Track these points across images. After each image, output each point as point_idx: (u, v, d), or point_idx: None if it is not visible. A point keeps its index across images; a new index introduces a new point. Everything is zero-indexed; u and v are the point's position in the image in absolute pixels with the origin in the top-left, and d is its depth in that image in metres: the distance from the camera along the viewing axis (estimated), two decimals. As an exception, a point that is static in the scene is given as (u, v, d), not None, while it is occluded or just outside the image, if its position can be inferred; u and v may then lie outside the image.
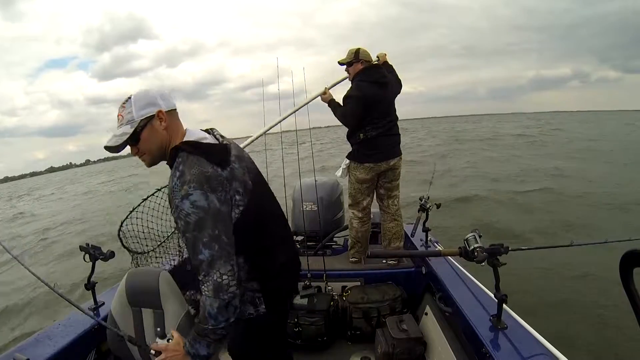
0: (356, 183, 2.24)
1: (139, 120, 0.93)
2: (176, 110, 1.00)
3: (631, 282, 0.63)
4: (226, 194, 0.92)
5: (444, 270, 1.79)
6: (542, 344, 1.14)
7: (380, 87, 2.14)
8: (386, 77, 2.17)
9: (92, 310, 1.54)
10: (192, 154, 0.92)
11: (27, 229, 10.72)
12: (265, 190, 1.15)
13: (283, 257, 1.11)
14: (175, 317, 1.21)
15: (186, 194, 0.86)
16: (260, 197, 1.06)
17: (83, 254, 1.48)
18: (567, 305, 3.10)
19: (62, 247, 7.42)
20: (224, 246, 0.88)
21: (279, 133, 2.45)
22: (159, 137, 0.96)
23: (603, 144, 15.62)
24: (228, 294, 0.87)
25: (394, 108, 2.23)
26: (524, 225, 5.23)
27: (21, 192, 35.52)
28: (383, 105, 2.16)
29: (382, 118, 2.15)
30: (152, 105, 0.94)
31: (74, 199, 18.09)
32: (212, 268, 0.86)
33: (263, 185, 1.14)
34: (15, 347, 1.28)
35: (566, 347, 1.11)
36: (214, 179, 0.90)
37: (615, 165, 9.94)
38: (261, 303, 1.05)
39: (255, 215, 1.00)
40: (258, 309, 1.05)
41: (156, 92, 0.97)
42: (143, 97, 0.94)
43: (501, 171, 9.90)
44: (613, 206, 5.89)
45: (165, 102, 0.96)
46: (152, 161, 1.00)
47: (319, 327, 1.92)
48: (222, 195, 0.90)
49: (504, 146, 16.54)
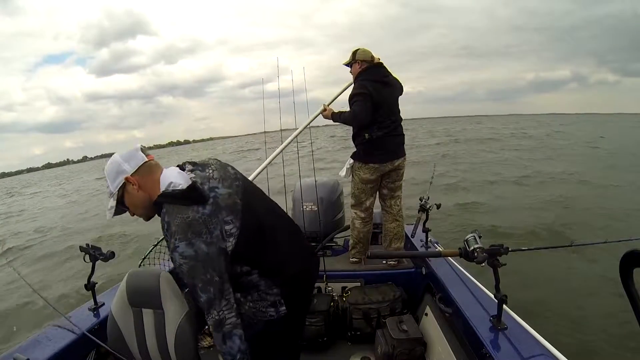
0: (360, 183, 2.22)
1: (116, 192, 0.99)
2: (147, 162, 1.01)
3: (631, 282, 0.63)
4: (212, 232, 0.94)
5: (444, 270, 1.79)
6: (542, 344, 1.14)
7: (383, 85, 2.13)
8: (388, 76, 2.17)
9: (92, 311, 1.54)
10: (171, 204, 0.96)
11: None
12: (260, 203, 1.13)
13: (294, 268, 1.11)
14: (175, 317, 1.22)
15: (174, 247, 0.92)
16: (254, 214, 1.05)
17: (83, 254, 1.48)
18: (567, 306, 3.10)
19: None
20: (217, 286, 0.93)
21: (278, 132, 2.45)
22: (138, 199, 1.00)
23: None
24: (226, 326, 0.94)
25: (398, 108, 2.22)
26: (526, 226, 5.22)
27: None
28: (387, 104, 2.14)
29: (387, 117, 2.13)
30: (120, 173, 0.98)
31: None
32: (212, 308, 0.93)
33: (256, 196, 1.13)
34: (15, 347, 1.28)
35: (566, 347, 1.11)
36: (195, 222, 0.92)
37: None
38: (282, 305, 1.06)
39: (252, 236, 1.02)
40: (279, 311, 1.06)
41: (121, 156, 0.99)
42: (111, 169, 0.99)
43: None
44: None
45: (131, 163, 0.99)
46: (147, 218, 1.06)
47: (319, 328, 1.92)
48: (207, 237, 0.93)
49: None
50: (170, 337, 1.22)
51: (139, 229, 6.24)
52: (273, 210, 1.17)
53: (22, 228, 9.96)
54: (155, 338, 1.25)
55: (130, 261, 4.56)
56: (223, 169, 1.07)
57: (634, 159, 10.66)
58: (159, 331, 1.24)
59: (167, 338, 1.23)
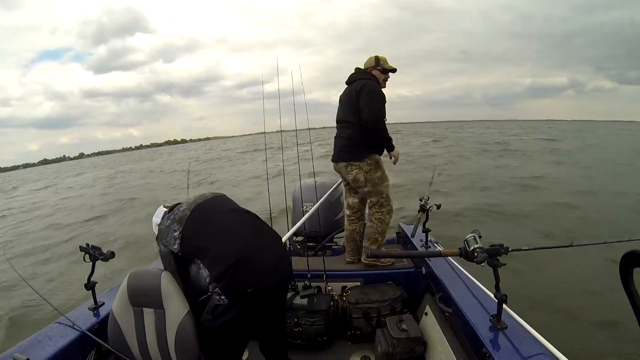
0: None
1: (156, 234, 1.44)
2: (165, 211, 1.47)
3: (631, 282, 0.63)
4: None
5: (444, 270, 1.79)
6: (542, 344, 1.14)
7: (347, 86, 2.25)
8: (354, 78, 2.23)
9: (92, 310, 1.54)
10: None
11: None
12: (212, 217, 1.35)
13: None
14: (176, 317, 1.22)
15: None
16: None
17: (83, 254, 1.48)
18: (567, 306, 3.11)
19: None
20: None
21: (278, 132, 2.45)
22: None
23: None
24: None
25: (351, 111, 2.15)
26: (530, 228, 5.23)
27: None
28: (341, 105, 2.25)
29: (339, 119, 2.26)
30: (156, 224, 1.44)
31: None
32: None
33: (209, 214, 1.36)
34: (15, 347, 1.28)
35: (566, 347, 1.12)
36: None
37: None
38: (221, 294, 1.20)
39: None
40: (221, 299, 1.20)
41: (156, 216, 1.46)
42: (154, 223, 1.45)
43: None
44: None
45: (158, 216, 1.46)
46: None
47: (319, 327, 1.92)
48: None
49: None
50: (170, 337, 1.23)
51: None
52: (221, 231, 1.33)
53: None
54: (155, 337, 1.25)
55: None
56: (180, 212, 1.34)
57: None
58: (160, 330, 1.24)
59: (168, 337, 1.23)
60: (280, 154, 2.36)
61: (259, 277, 1.22)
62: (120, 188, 15.02)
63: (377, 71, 2.21)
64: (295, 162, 2.37)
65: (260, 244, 1.30)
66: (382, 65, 2.21)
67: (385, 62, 2.22)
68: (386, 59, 2.23)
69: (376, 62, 2.21)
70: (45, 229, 8.56)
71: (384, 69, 2.21)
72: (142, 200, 10.65)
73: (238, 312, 1.20)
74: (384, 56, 2.24)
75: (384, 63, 2.21)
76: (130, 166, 30.23)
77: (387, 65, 2.22)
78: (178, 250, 1.25)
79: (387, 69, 2.23)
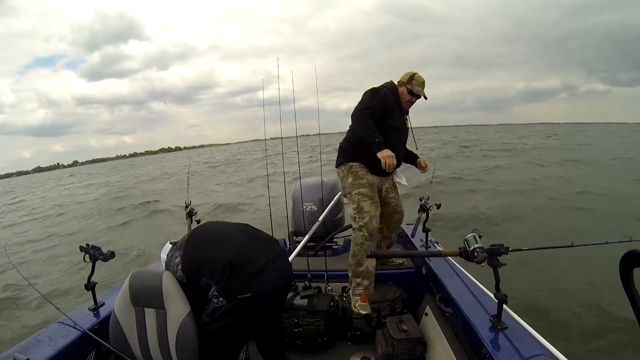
0: None
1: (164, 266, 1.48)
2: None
3: (631, 282, 0.63)
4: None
5: (444, 270, 1.79)
6: (542, 344, 1.14)
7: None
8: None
9: (92, 311, 1.54)
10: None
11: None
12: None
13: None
14: (177, 317, 1.22)
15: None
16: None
17: (83, 254, 1.48)
18: (567, 305, 3.10)
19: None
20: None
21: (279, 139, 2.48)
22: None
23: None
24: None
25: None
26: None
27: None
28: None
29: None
30: (163, 259, 1.48)
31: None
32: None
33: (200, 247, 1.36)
34: (15, 347, 1.28)
35: (566, 347, 1.12)
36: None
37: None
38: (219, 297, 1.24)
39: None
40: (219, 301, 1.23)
41: (163, 252, 1.47)
42: (162, 258, 1.47)
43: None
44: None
45: (165, 251, 1.46)
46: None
47: (319, 328, 1.92)
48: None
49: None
50: (171, 337, 1.23)
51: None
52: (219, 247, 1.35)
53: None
54: (157, 338, 1.25)
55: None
56: (177, 246, 1.39)
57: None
58: (161, 331, 1.24)
59: (169, 338, 1.23)
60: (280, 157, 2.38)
61: (257, 280, 1.22)
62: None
63: (404, 89, 2.03)
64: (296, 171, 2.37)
65: (254, 246, 1.33)
66: (412, 86, 2.02)
67: (419, 84, 2.02)
68: (423, 82, 2.03)
69: (408, 80, 2.03)
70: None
71: (411, 90, 2.02)
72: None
73: (236, 316, 1.21)
74: (423, 78, 2.04)
75: (415, 84, 2.02)
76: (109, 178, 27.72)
77: (416, 89, 2.02)
78: (182, 277, 1.29)
79: (415, 93, 2.03)
